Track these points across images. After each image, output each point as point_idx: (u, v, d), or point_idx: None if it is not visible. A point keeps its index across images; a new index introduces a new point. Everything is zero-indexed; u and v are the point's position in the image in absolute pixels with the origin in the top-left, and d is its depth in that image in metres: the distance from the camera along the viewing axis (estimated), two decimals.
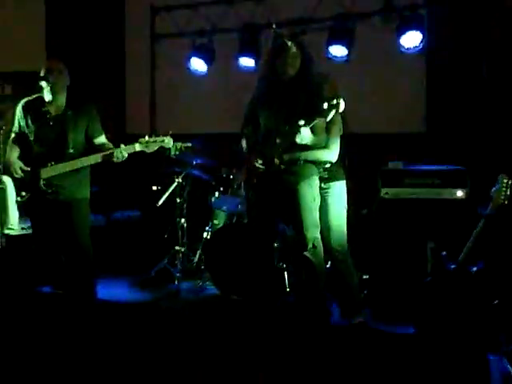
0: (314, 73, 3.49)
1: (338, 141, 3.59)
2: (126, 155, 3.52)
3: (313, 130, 3.30)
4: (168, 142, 3.56)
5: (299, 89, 3.38)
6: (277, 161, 3.35)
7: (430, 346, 2.68)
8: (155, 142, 3.53)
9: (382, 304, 3.99)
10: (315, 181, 3.47)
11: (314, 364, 2.56)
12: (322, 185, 3.62)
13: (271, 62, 3.48)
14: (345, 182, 3.74)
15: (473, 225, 3.36)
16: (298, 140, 3.23)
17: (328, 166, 3.61)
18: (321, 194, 3.60)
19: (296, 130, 3.19)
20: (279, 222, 3.84)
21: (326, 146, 3.51)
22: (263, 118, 3.49)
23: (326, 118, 3.16)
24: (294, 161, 3.38)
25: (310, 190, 3.42)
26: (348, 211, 3.75)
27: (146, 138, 3.53)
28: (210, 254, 4.38)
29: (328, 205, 3.63)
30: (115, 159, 3.50)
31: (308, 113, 3.24)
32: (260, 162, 3.40)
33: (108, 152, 3.54)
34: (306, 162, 3.42)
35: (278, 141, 3.32)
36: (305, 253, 3.40)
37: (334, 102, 3.10)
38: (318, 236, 3.44)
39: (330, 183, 3.65)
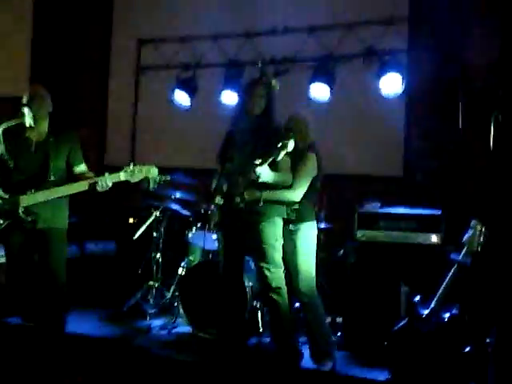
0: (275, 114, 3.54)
1: (305, 181, 3.58)
2: (110, 184, 3.44)
3: (276, 168, 3.35)
4: (153, 171, 3.49)
5: (262, 128, 3.43)
6: (237, 199, 3.37)
7: None
8: (140, 171, 3.46)
9: (355, 347, 3.98)
10: (278, 221, 3.47)
11: None
12: (291, 227, 3.61)
13: (240, 100, 3.57)
14: (314, 222, 3.72)
15: (447, 270, 3.39)
16: (256, 178, 3.24)
17: (296, 206, 3.59)
18: (290, 236, 3.61)
19: (253, 168, 3.22)
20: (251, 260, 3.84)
21: (290, 186, 3.51)
22: (230, 156, 3.53)
23: (276, 157, 3.22)
24: (255, 200, 3.38)
25: (273, 229, 3.43)
26: (323, 252, 3.76)
27: (131, 166, 3.46)
28: (184, 291, 4.32)
29: (296, 247, 3.61)
30: (99, 188, 3.42)
31: (265, 152, 3.29)
32: (219, 199, 3.42)
33: (93, 180, 3.46)
34: (268, 201, 3.42)
35: (239, 179, 3.36)
36: (270, 293, 3.40)
37: (284, 142, 3.18)
38: (282, 276, 3.45)
39: (299, 225, 3.63)
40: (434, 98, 4.87)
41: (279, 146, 3.20)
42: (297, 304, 4.01)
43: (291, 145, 3.22)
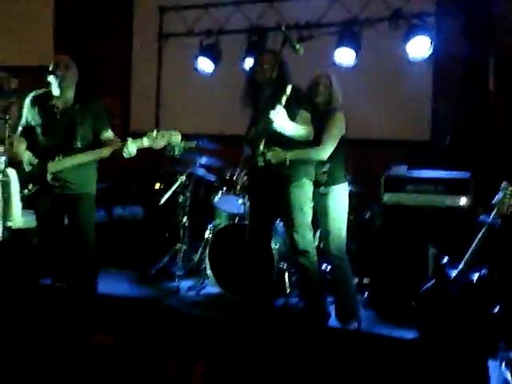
0: (289, 76, 3.51)
1: (334, 139, 3.54)
2: (135, 151, 3.45)
3: (295, 120, 3.31)
4: (176, 137, 3.48)
5: (277, 92, 3.37)
6: (259, 159, 3.35)
7: (427, 352, 2.69)
8: (163, 136, 3.45)
9: (382, 307, 4.01)
10: (307, 184, 3.46)
11: (305, 366, 2.57)
12: (322, 190, 3.60)
13: (254, 67, 3.57)
14: (346, 184, 3.71)
15: (475, 232, 3.39)
16: (276, 125, 3.20)
17: (327, 168, 3.58)
18: (321, 198, 3.62)
19: (270, 120, 3.19)
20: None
21: (317, 143, 3.48)
22: (256, 123, 3.52)
23: (279, 103, 3.19)
24: (282, 163, 3.37)
25: (302, 193, 3.42)
26: (350, 215, 3.76)
27: (154, 132, 3.46)
28: (211, 253, 4.39)
29: (328, 210, 3.61)
30: (125, 154, 3.44)
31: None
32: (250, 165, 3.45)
33: (117, 146, 3.50)
34: (294, 162, 3.40)
35: (259, 140, 3.32)
36: (297, 256, 3.43)
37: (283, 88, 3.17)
38: (311, 239, 3.47)
39: (330, 187, 3.62)
40: (462, 61, 4.79)
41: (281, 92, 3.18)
42: (323, 266, 4.05)
43: (289, 89, 3.18)
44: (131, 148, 3.43)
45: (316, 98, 3.61)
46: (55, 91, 3.59)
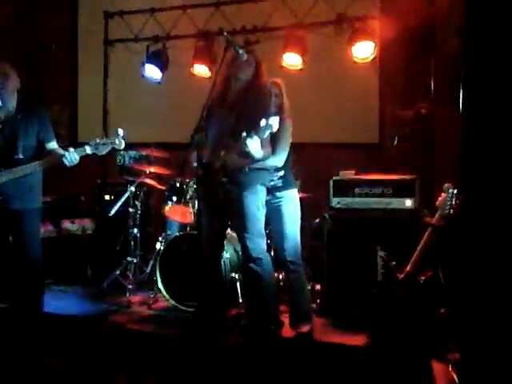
0: (264, 82, 3.48)
1: (287, 147, 3.57)
2: (78, 158, 3.39)
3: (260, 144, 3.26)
4: (119, 143, 3.43)
5: (247, 99, 3.37)
6: (217, 163, 3.29)
7: (377, 356, 2.71)
8: (105, 144, 3.41)
9: (334, 313, 4.04)
10: (260, 190, 3.44)
11: (260, 377, 2.55)
12: (277, 193, 3.62)
13: (224, 70, 3.48)
14: (297, 190, 3.75)
15: (421, 234, 3.44)
16: (247, 150, 3.14)
17: (282, 173, 3.61)
18: (275, 203, 3.63)
19: (243, 141, 3.13)
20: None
21: (272, 152, 3.44)
22: (211, 128, 3.47)
23: (261, 136, 3.11)
24: (239, 169, 3.34)
25: (255, 198, 3.38)
26: (301, 221, 3.77)
27: (97, 139, 3.42)
28: (162, 265, 4.32)
29: (282, 214, 3.63)
30: (67, 162, 3.37)
31: (250, 126, 3.18)
32: (201, 172, 3.38)
33: (58, 155, 3.43)
34: (251, 168, 3.36)
35: (221, 152, 3.29)
36: (250, 264, 3.39)
37: (269, 121, 3.06)
38: (264, 246, 3.43)
39: (284, 191, 3.65)
40: (407, 62, 4.86)
41: (264, 125, 3.09)
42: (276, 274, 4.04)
43: (276, 125, 3.10)
44: (73, 156, 3.37)
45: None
46: None
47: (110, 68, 5.98)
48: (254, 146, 3.15)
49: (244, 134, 3.12)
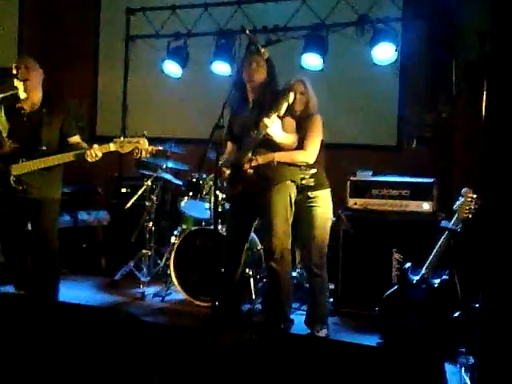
0: (278, 80, 3.51)
1: (317, 141, 3.53)
2: (100, 155, 3.48)
3: (282, 127, 3.28)
4: (143, 143, 3.50)
5: (267, 95, 3.39)
6: (247, 166, 3.32)
7: (389, 357, 2.70)
8: (130, 142, 3.48)
9: (347, 313, 4.03)
10: (291, 186, 3.41)
11: (271, 374, 2.56)
12: (309, 194, 3.57)
13: (241, 69, 3.51)
14: (329, 190, 3.67)
15: (438, 238, 3.42)
16: (265, 131, 3.18)
17: (314, 171, 3.56)
18: (306, 204, 3.57)
19: (262, 125, 3.17)
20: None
21: (302, 147, 3.46)
22: (235, 125, 3.49)
23: (279, 111, 3.16)
24: (267, 163, 3.33)
25: (284, 195, 3.36)
26: None
27: (121, 138, 3.51)
28: (176, 259, 4.34)
29: (313, 216, 3.56)
30: (89, 158, 3.46)
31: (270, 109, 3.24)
32: (228, 171, 3.39)
33: (82, 151, 3.51)
34: (280, 163, 3.37)
35: (248, 147, 3.31)
36: (271, 262, 3.38)
37: (285, 95, 3.15)
38: (289, 246, 3.40)
39: (317, 192, 3.59)
40: (427, 66, 4.85)
41: (280, 99, 3.14)
42: (294, 273, 4.05)
43: (291, 97, 3.16)
44: (96, 153, 3.46)
45: (293, 105, 3.56)
46: (21, 94, 3.58)
47: (131, 64, 6.01)
48: (274, 126, 3.16)
49: (265, 119, 3.16)
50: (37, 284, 3.65)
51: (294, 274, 4.16)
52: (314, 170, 3.56)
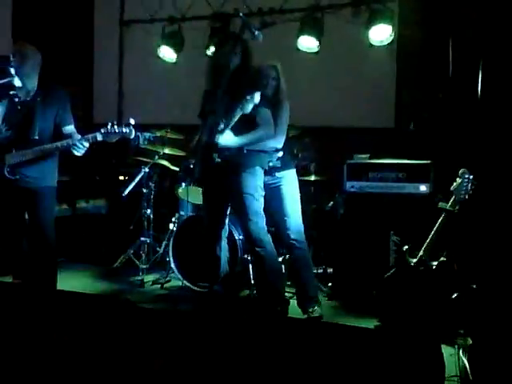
0: (251, 66, 3.50)
1: (284, 128, 3.61)
2: (87, 145, 3.43)
3: (255, 120, 3.30)
4: (129, 132, 3.45)
5: (239, 83, 3.35)
6: (214, 155, 3.32)
7: (387, 340, 2.71)
8: (115, 132, 3.43)
9: (346, 297, 4.04)
10: (259, 171, 3.47)
11: (269, 357, 2.57)
12: (276, 174, 3.67)
13: (214, 57, 3.51)
14: (295, 170, 3.78)
15: (435, 219, 3.41)
16: (220, 141, 3.24)
17: (280, 154, 3.61)
18: (275, 184, 3.67)
19: (214, 136, 3.22)
20: None
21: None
22: (207, 104, 3.51)
23: (244, 110, 3.14)
24: (238, 150, 3.36)
25: (253, 179, 3.42)
26: (313, 204, 3.77)
27: (108, 127, 3.43)
28: (175, 245, 4.35)
29: (283, 194, 3.67)
30: (75, 151, 3.42)
31: (233, 108, 3.22)
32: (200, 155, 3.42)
33: (64, 142, 3.46)
34: (250, 150, 3.40)
35: (218, 136, 3.29)
36: (252, 247, 3.42)
37: (253, 96, 3.10)
38: (264, 227, 3.44)
39: (283, 172, 3.69)
40: (424, 47, 4.79)
41: (246, 98, 3.12)
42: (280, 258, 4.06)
43: (257, 97, 3.14)
44: (82, 143, 3.41)
45: (264, 89, 3.59)
46: (16, 82, 3.49)
47: (126, 49, 5.99)
48: (225, 140, 3.24)
49: (220, 126, 3.22)
50: (34, 273, 3.64)
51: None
52: (280, 153, 3.63)
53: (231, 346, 2.75)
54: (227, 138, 3.27)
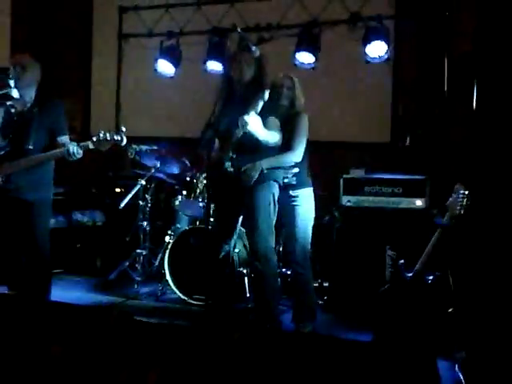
0: (267, 79, 3.51)
1: (304, 142, 3.54)
2: (81, 152, 3.42)
3: (265, 125, 3.27)
4: (121, 140, 3.45)
5: (254, 93, 3.38)
6: (227, 164, 3.32)
7: (381, 354, 2.71)
8: (107, 139, 3.43)
9: (341, 310, 4.04)
10: (274, 185, 3.42)
11: (261, 371, 2.56)
12: (291, 192, 3.57)
13: (230, 66, 3.52)
14: (312, 189, 3.69)
15: (431, 234, 3.43)
16: (244, 128, 3.17)
17: (296, 170, 3.56)
18: (289, 202, 3.58)
19: (241, 121, 3.15)
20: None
21: (289, 147, 3.47)
22: (222, 123, 3.48)
23: (255, 109, 3.17)
24: (255, 171, 3.32)
25: (267, 193, 3.38)
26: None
27: (100, 135, 3.44)
28: (171, 258, 4.34)
29: (295, 214, 3.58)
30: (69, 156, 3.41)
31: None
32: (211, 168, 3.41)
33: (57, 150, 3.48)
34: (269, 169, 3.37)
35: (230, 147, 3.31)
36: (255, 261, 3.40)
37: (262, 95, 3.17)
38: (272, 245, 3.42)
39: (299, 190, 3.60)
40: (420, 63, 4.85)
41: (257, 98, 3.16)
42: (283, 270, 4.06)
43: (266, 94, 3.17)
44: (75, 150, 3.40)
45: (279, 100, 3.58)
46: (14, 93, 3.52)
47: (124, 62, 6.02)
48: (253, 123, 3.15)
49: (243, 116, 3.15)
50: (29, 284, 3.63)
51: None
52: (296, 169, 3.57)
53: (226, 359, 2.75)
54: (255, 124, 3.16)
